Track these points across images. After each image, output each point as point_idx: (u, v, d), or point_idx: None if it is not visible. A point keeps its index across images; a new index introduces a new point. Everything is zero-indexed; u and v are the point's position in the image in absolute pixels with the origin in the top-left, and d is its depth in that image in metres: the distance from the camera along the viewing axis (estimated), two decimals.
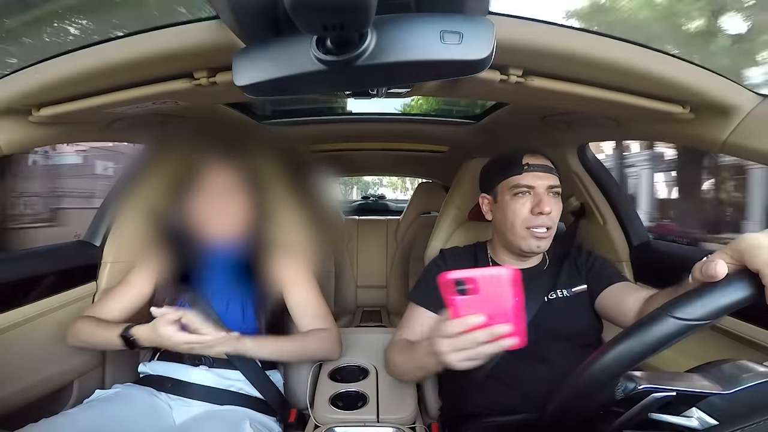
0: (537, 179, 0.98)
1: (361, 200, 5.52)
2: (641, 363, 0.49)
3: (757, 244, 0.47)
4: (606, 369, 0.50)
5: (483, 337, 0.63)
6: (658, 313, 0.48)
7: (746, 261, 0.47)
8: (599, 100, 0.85)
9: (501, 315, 0.62)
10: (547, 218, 0.96)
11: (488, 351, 0.64)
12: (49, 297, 1.14)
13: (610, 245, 1.44)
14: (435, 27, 0.45)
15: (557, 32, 0.71)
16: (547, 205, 0.96)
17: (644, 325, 0.49)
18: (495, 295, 0.61)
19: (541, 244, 0.98)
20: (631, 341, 0.49)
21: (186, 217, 1.05)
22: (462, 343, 0.64)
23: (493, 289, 0.61)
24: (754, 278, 0.46)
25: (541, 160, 1.01)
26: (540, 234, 0.97)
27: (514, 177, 1.00)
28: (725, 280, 0.48)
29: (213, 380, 1.04)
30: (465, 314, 0.63)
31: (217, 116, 1.34)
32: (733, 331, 0.98)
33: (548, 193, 0.98)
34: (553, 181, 0.99)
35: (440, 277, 0.61)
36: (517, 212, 0.99)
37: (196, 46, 0.70)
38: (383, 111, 1.84)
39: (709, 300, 0.46)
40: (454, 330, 0.64)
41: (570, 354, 0.93)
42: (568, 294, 1.00)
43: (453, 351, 0.66)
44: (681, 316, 0.46)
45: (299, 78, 0.47)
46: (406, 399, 0.98)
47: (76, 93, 0.83)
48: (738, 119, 0.83)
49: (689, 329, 0.46)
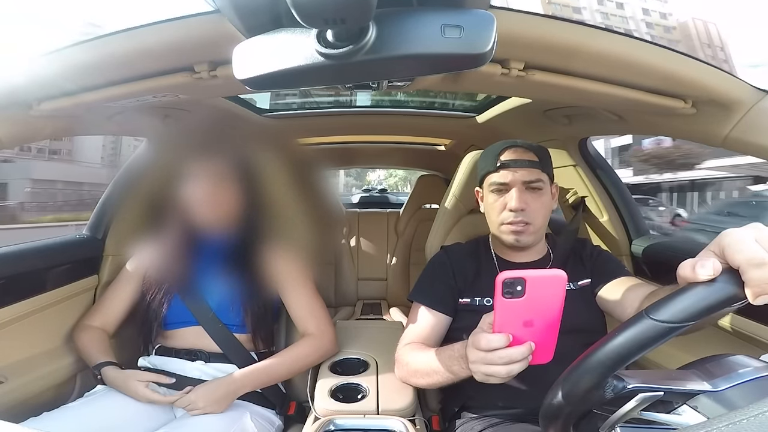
0: (511, 175, 0.97)
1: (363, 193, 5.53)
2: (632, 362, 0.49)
3: (739, 238, 0.45)
4: (591, 371, 0.49)
5: (518, 355, 0.61)
6: (639, 316, 0.47)
7: (728, 257, 0.45)
8: (600, 95, 0.85)
9: (545, 324, 0.60)
10: (521, 213, 0.96)
11: (515, 370, 0.63)
12: (51, 290, 1.15)
13: (610, 239, 1.44)
14: (436, 21, 0.45)
15: (559, 26, 0.70)
16: (518, 202, 0.95)
17: (626, 328, 0.48)
18: (543, 300, 0.58)
19: (520, 238, 0.97)
20: (613, 345, 0.48)
21: (179, 206, 1.06)
22: (494, 358, 0.63)
23: (542, 291, 0.58)
24: (737, 276, 0.44)
25: (520, 154, 0.99)
26: (515, 228, 0.97)
27: (491, 174, 1.00)
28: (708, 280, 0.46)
29: (210, 375, 1.05)
30: (507, 320, 0.60)
31: (216, 108, 1.34)
32: (733, 327, 0.98)
33: (524, 189, 0.97)
34: (530, 176, 0.97)
35: (496, 278, 0.58)
36: (493, 208, 1.00)
37: (197, 39, 0.70)
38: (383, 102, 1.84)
39: (690, 302, 0.45)
40: (485, 346, 0.63)
41: (573, 348, 0.93)
42: (574, 287, 0.99)
43: (483, 363, 0.64)
44: (661, 318, 0.45)
45: (300, 71, 0.47)
46: (406, 391, 0.98)
47: (76, 87, 0.82)
48: (740, 114, 0.83)
49: (671, 332, 0.45)
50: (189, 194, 1.04)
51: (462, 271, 1.03)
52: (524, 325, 0.60)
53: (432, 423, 1.04)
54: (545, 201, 0.99)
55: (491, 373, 0.64)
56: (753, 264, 0.43)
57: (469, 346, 0.68)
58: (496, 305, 0.60)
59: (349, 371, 1.09)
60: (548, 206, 1.01)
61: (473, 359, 0.66)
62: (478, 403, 0.97)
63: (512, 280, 0.57)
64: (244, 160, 1.09)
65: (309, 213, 1.12)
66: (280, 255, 1.11)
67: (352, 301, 2.49)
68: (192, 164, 1.05)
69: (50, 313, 1.14)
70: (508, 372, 0.63)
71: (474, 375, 0.68)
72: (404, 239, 2.53)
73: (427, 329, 0.99)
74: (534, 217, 0.97)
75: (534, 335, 0.61)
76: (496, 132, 1.65)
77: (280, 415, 1.10)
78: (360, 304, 2.45)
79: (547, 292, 0.58)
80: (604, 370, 0.49)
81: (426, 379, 0.91)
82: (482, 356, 0.64)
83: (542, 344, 0.62)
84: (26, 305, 1.08)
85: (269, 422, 1.05)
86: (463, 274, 1.03)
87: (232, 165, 1.07)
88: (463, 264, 1.05)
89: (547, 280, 0.58)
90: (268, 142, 1.18)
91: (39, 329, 1.11)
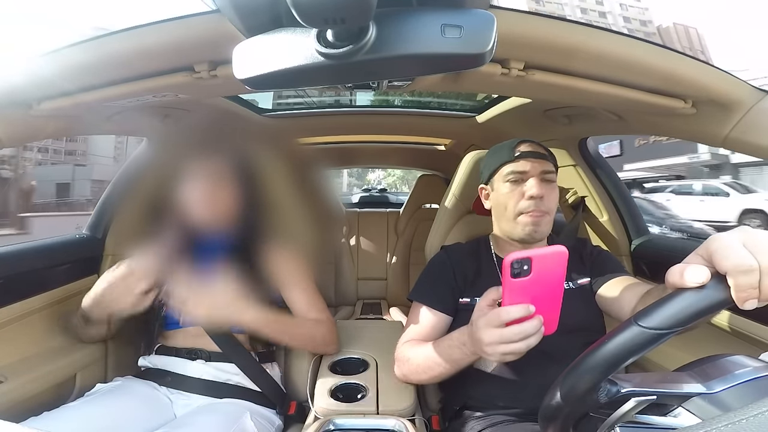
0: (530, 165, 0.98)
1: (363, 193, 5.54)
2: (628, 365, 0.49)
3: (727, 244, 0.45)
4: (585, 376, 0.50)
5: (532, 329, 0.62)
6: (627, 323, 0.47)
7: (716, 263, 0.45)
8: (600, 95, 0.85)
9: (550, 299, 0.62)
10: (540, 202, 0.96)
11: (532, 343, 0.63)
12: (51, 290, 1.15)
13: (610, 239, 1.44)
14: (436, 21, 0.45)
15: (559, 26, 0.70)
16: (538, 189, 0.95)
17: (615, 335, 0.48)
18: (547, 276, 0.61)
19: (537, 228, 0.97)
20: (603, 351, 0.48)
21: (179, 206, 1.05)
22: (511, 335, 0.63)
23: (546, 268, 0.60)
24: (724, 282, 0.44)
25: (534, 147, 1.01)
26: (534, 217, 0.96)
27: (508, 164, 1.00)
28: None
29: (211, 374, 1.05)
30: (516, 299, 0.62)
31: (216, 108, 1.34)
32: (732, 326, 0.98)
33: (541, 179, 0.97)
34: (546, 166, 0.98)
35: (504, 259, 0.60)
36: (510, 198, 0.99)
37: (197, 39, 0.70)
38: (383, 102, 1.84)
39: (677, 308, 0.45)
40: (505, 318, 0.63)
41: (573, 347, 0.93)
42: (573, 286, 0.99)
43: (499, 342, 0.65)
44: (649, 325, 0.46)
45: (300, 71, 0.47)
46: (406, 391, 0.98)
47: (77, 86, 0.82)
48: (740, 115, 0.83)
49: (659, 338, 0.45)
50: (189, 194, 1.04)
51: (462, 270, 1.03)
52: (531, 302, 0.63)
53: (432, 423, 1.04)
54: (556, 196, 1.00)
55: (510, 351, 0.65)
56: (740, 270, 0.43)
57: (480, 328, 0.68)
58: (505, 286, 0.62)
59: (349, 371, 1.09)
60: (557, 202, 1.02)
61: (489, 340, 0.66)
62: (478, 402, 0.97)
63: (520, 260, 0.59)
64: (244, 159, 1.09)
65: (309, 212, 1.12)
66: (280, 254, 1.11)
67: (352, 301, 2.49)
68: (192, 164, 1.05)
69: (50, 313, 1.14)
70: (527, 346, 0.64)
71: (490, 357, 0.68)
72: (404, 239, 2.53)
73: (427, 329, 1.00)
74: (550, 207, 0.98)
75: (540, 309, 0.63)
76: (496, 132, 1.65)
77: (280, 415, 1.10)
78: (360, 303, 2.45)
79: (551, 268, 0.61)
80: (596, 375, 0.49)
81: (428, 373, 0.91)
82: (498, 335, 0.65)
83: (548, 317, 0.64)
84: (26, 305, 1.08)
85: (269, 422, 1.05)
86: (463, 273, 1.03)
87: (231, 164, 1.07)
88: (464, 264, 1.05)
89: (551, 257, 0.61)
90: (268, 142, 1.18)
91: (39, 329, 1.11)
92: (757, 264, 0.43)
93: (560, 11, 39.15)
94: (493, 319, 0.66)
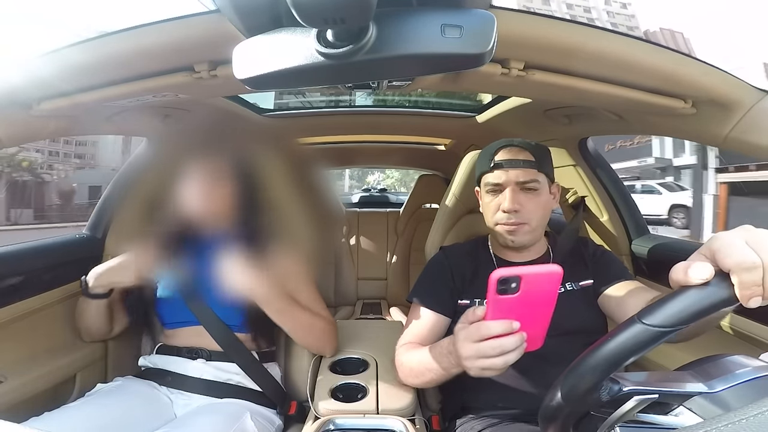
0: (504, 176, 0.97)
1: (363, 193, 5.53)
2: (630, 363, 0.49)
3: (730, 242, 0.45)
4: (586, 375, 0.50)
5: (511, 345, 0.61)
6: (631, 321, 0.47)
7: (719, 261, 0.44)
8: (600, 95, 0.85)
9: (537, 316, 0.59)
10: (514, 215, 0.95)
11: (511, 360, 0.62)
12: (51, 290, 1.15)
13: (610, 238, 1.44)
14: (436, 21, 0.45)
15: (559, 26, 0.70)
16: (510, 203, 0.94)
17: (618, 333, 0.48)
18: (536, 295, 0.58)
19: (514, 238, 0.97)
20: (606, 349, 0.48)
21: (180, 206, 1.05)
22: (487, 349, 0.62)
23: (536, 287, 0.57)
24: (727, 280, 0.44)
25: (515, 153, 0.98)
26: (509, 228, 0.96)
27: (485, 174, 1.01)
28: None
29: (211, 373, 1.05)
30: (500, 315, 0.60)
31: (216, 108, 1.34)
32: (733, 327, 0.98)
33: (519, 189, 0.96)
34: (524, 176, 0.96)
35: (490, 275, 0.57)
36: (488, 209, 1.00)
37: (197, 39, 0.70)
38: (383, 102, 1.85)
39: (681, 306, 0.45)
40: (485, 333, 0.62)
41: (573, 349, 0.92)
42: (575, 287, 0.98)
43: (476, 357, 0.64)
44: (652, 323, 0.45)
45: (300, 71, 0.47)
46: (406, 391, 0.98)
47: (77, 87, 0.82)
48: (740, 115, 0.83)
49: (662, 336, 0.45)
50: (189, 194, 1.04)
51: (460, 271, 1.03)
52: (517, 318, 0.60)
53: (432, 423, 1.04)
54: (541, 201, 0.98)
55: (487, 366, 0.64)
56: (743, 267, 0.43)
57: (459, 341, 0.67)
58: (489, 301, 0.59)
59: (349, 371, 1.09)
60: (545, 206, 0.99)
61: (466, 354, 0.65)
62: (478, 403, 0.97)
63: (507, 278, 0.56)
64: (244, 159, 1.09)
65: (309, 212, 1.12)
66: (280, 254, 1.11)
67: (351, 301, 2.49)
68: (192, 164, 1.05)
69: (50, 313, 1.14)
70: (504, 362, 0.62)
71: (469, 371, 0.67)
72: (404, 239, 2.53)
73: (426, 330, 0.99)
74: (529, 218, 0.96)
75: (525, 326, 0.61)
76: (496, 132, 1.65)
77: (280, 415, 1.10)
78: (360, 303, 2.45)
79: (542, 287, 0.58)
80: (598, 373, 0.49)
81: (420, 378, 0.91)
82: (475, 349, 0.63)
83: (533, 333, 0.62)
84: (26, 305, 1.07)
85: (269, 422, 1.05)
86: (461, 274, 1.03)
87: (232, 164, 1.07)
88: (462, 264, 1.04)
89: (543, 277, 0.58)
90: (268, 142, 1.18)
91: (39, 329, 1.11)
92: (760, 261, 0.43)
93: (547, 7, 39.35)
94: (472, 333, 0.64)
